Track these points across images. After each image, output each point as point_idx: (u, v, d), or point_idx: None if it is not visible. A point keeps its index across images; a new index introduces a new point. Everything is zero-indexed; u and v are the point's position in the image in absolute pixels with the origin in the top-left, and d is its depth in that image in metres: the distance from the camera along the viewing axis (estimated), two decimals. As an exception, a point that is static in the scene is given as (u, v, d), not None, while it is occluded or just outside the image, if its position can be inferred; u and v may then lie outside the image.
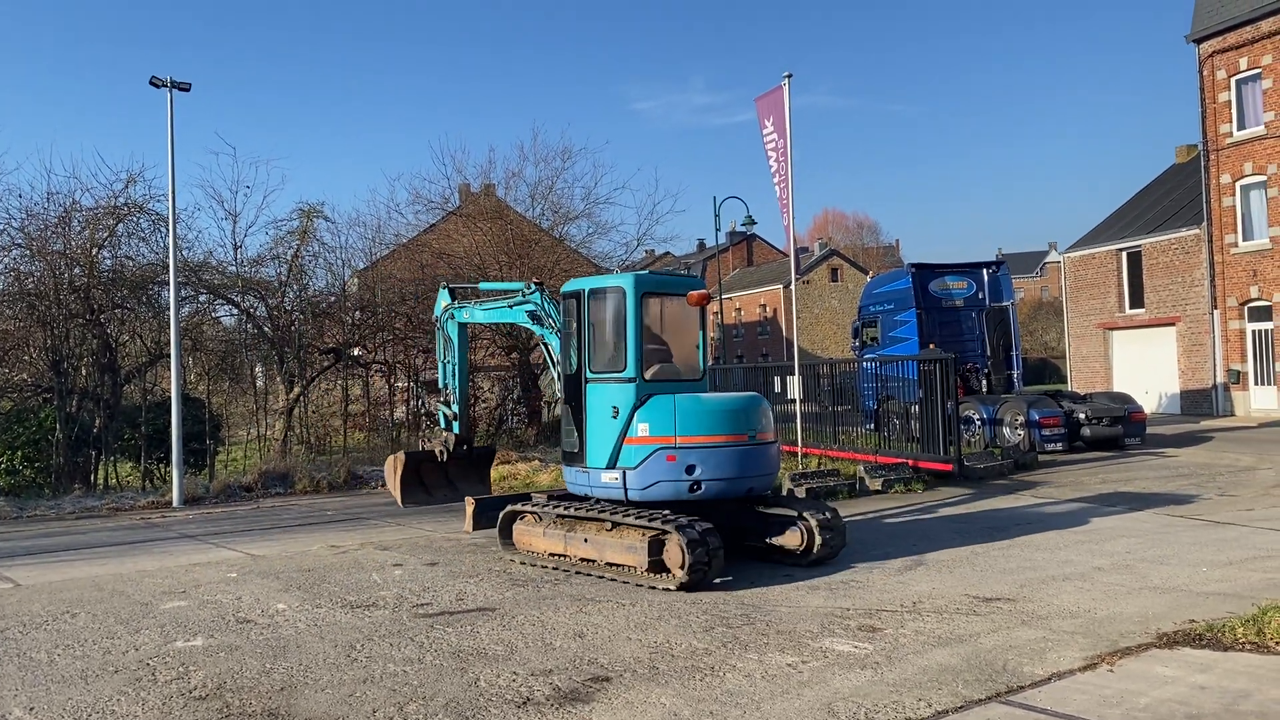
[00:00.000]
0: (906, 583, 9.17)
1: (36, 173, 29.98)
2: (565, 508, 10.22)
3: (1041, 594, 8.53)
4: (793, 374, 19.33)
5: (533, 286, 11.67)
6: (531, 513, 10.62)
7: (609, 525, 9.64)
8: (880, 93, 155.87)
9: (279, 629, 7.97)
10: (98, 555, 11.99)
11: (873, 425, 21.22)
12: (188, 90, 16.92)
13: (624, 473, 9.61)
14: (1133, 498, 14.19)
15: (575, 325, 10.15)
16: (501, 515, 10.84)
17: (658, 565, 9.14)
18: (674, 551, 9.02)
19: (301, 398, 24.32)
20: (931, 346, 20.53)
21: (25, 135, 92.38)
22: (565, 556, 10.02)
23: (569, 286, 10.53)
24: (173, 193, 17.57)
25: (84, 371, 21.40)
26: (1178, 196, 33.46)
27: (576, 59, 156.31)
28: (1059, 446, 20.10)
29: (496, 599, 8.86)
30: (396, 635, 7.67)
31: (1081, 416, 20.76)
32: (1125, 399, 22.33)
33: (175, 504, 17.21)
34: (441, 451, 13.19)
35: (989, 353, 23.28)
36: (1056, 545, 10.84)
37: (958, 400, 17.64)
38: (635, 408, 9.64)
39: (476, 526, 11.78)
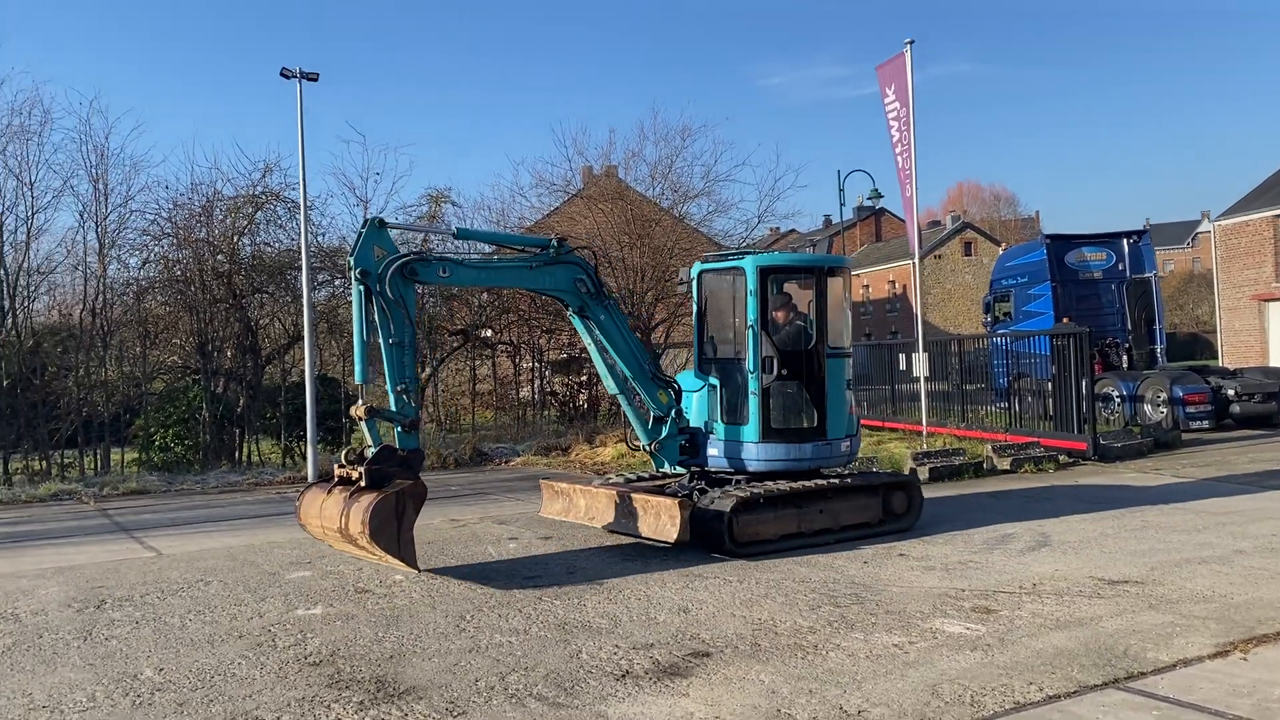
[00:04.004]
0: (1027, 564, 8.83)
1: (181, 165, 31.92)
2: (787, 485, 9.90)
3: (1173, 577, 8.08)
4: (918, 351, 18.80)
5: (566, 245, 10.09)
6: (757, 496, 9.68)
7: (832, 492, 10.10)
8: (1021, 61, 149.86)
9: (394, 599, 8.20)
10: (234, 527, 12.57)
11: (1005, 403, 20.51)
12: (315, 80, 17.44)
13: (850, 440, 10.50)
14: (1284, 478, 13.31)
15: (812, 301, 10.33)
16: (730, 509, 9.41)
17: (885, 517, 10.43)
18: (900, 498, 10.57)
19: (432, 378, 25.01)
20: (1066, 320, 19.69)
21: (168, 125, 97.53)
22: (800, 535, 9.85)
23: (780, 260, 10.96)
24: (303, 180, 18.21)
25: (229, 353, 22.46)
26: (1344, 157, 31.16)
27: (702, 38, 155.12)
28: (1205, 424, 19.04)
29: (606, 573, 8.92)
30: (506, 606, 7.80)
31: (1230, 393, 19.59)
32: (1280, 374, 20.98)
33: (310, 479, 17.90)
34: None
35: (1130, 326, 22.20)
36: (1194, 527, 10.26)
37: (1093, 376, 16.88)
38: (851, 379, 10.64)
39: (689, 534, 9.36)
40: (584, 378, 27.30)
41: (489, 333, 26.45)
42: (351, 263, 8.99)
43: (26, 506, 15.47)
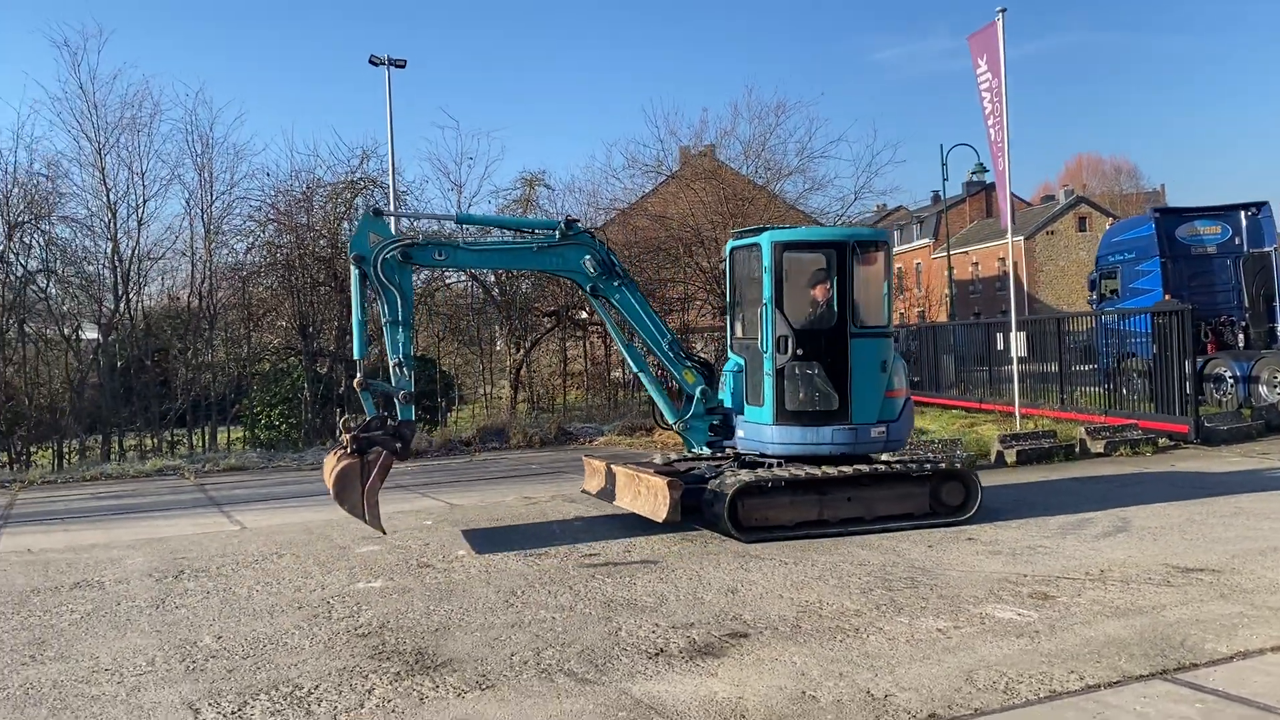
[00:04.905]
0: (1100, 549, 8.50)
1: (281, 152, 33.15)
2: (809, 470, 9.56)
3: (1252, 566, 7.68)
4: (1013, 330, 18.21)
5: (575, 226, 10.13)
6: (772, 481, 9.43)
7: (867, 480, 9.59)
8: (1149, 27, 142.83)
9: (452, 574, 8.37)
10: (318, 503, 12.89)
11: (1108, 384, 19.73)
12: (403, 67, 17.86)
13: (887, 425, 9.84)
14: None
15: (833, 278, 9.71)
16: (733, 492, 9.23)
17: (936, 508, 9.85)
18: (955, 490, 9.93)
19: (526, 358, 25.38)
20: (1167, 298, 18.83)
21: (268, 114, 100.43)
22: (821, 522, 9.46)
23: (797, 235, 10.37)
24: (392, 165, 18.71)
25: (331, 335, 23.18)
26: None
27: (809, 15, 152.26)
28: (1325, 407, 17.95)
29: (662, 552, 8.93)
30: (557, 583, 7.88)
31: (1357, 374, 18.43)
32: None
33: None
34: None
35: (1246, 304, 21.07)
36: (1290, 514, 9.74)
37: (1195, 355, 16.12)
38: (891, 361, 9.92)
39: (679, 514, 9.36)
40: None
41: (584, 314, 26.66)
42: (348, 249, 9.51)
43: (133, 481, 16.32)
